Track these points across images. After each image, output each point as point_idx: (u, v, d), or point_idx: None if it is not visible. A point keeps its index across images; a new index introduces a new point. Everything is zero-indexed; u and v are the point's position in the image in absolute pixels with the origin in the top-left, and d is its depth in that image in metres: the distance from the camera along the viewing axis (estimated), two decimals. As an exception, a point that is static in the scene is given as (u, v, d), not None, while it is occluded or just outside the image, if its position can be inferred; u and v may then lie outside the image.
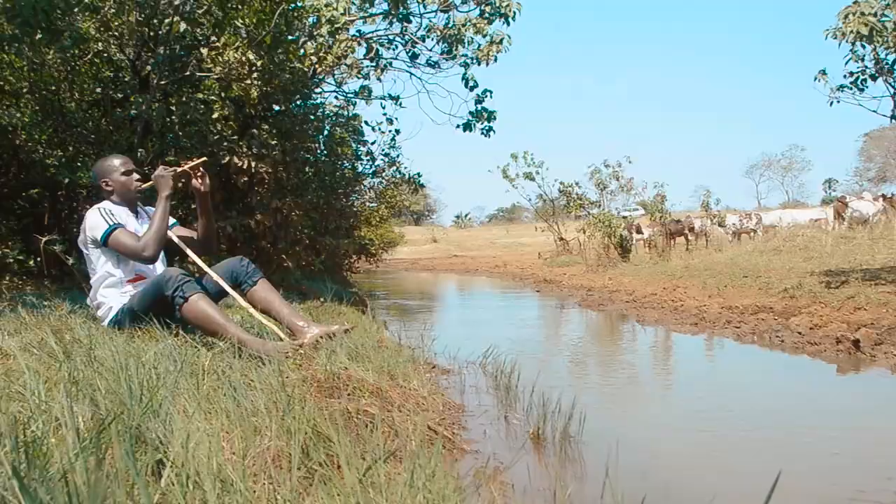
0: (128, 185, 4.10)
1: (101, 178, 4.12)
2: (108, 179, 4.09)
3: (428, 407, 3.33)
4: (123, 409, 2.05)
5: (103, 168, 4.13)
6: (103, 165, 4.14)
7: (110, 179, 4.09)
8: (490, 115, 9.50)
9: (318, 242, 8.84)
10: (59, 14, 5.68)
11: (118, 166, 4.10)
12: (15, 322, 4.04)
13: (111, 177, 4.09)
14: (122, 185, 4.09)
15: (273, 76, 6.95)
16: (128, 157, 4.26)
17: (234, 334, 3.54)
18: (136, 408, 2.06)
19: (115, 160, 4.15)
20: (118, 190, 4.09)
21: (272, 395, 2.59)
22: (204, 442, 1.87)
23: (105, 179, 4.10)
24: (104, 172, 4.12)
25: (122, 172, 4.09)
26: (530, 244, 37.87)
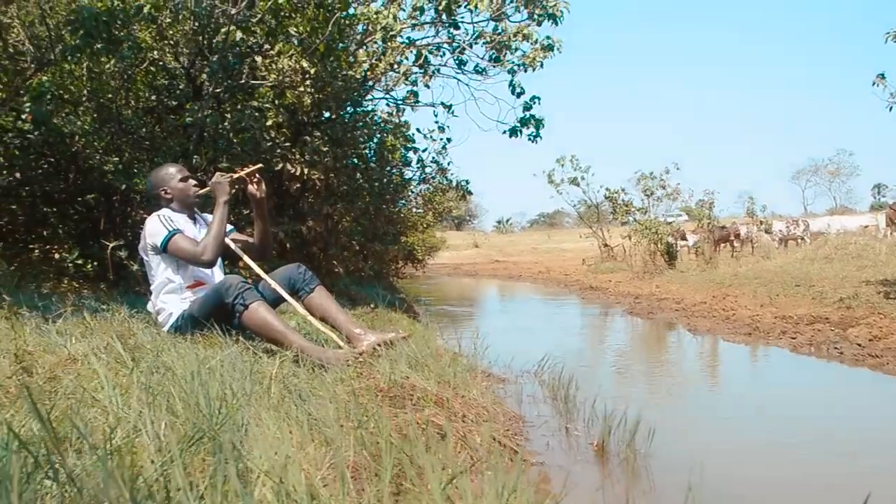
0: (185, 191, 4.15)
1: (159, 186, 4.18)
2: (165, 187, 4.15)
3: (489, 417, 3.30)
4: (203, 419, 2.05)
5: (160, 177, 4.20)
6: (160, 174, 4.21)
7: (168, 187, 4.15)
8: (538, 122, 9.45)
9: (368, 248, 8.87)
10: (118, 25, 5.77)
11: (174, 173, 4.16)
12: (80, 326, 4.11)
13: (169, 184, 4.14)
14: (180, 192, 4.14)
15: (325, 84, 7.00)
16: (182, 165, 4.32)
17: (295, 342, 3.55)
18: (215, 418, 2.06)
19: (170, 168, 4.21)
20: (176, 197, 4.14)
21: (340, 405, 2.59)
22: (287, 453, 1.87)
23: (163, 188, 4.16)
24: (161, 181, 4.18)
25: (178, 179, 4.14)
26: (572, 250, 37.63)
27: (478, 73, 9.54)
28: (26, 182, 7.81)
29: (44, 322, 4.39)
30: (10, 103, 6.74)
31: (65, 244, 8.19)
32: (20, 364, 3.07)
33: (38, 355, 3.25)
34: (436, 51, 9.39)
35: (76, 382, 2.81)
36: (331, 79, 7.07)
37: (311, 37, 7.10)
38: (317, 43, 6.90)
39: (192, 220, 4.18)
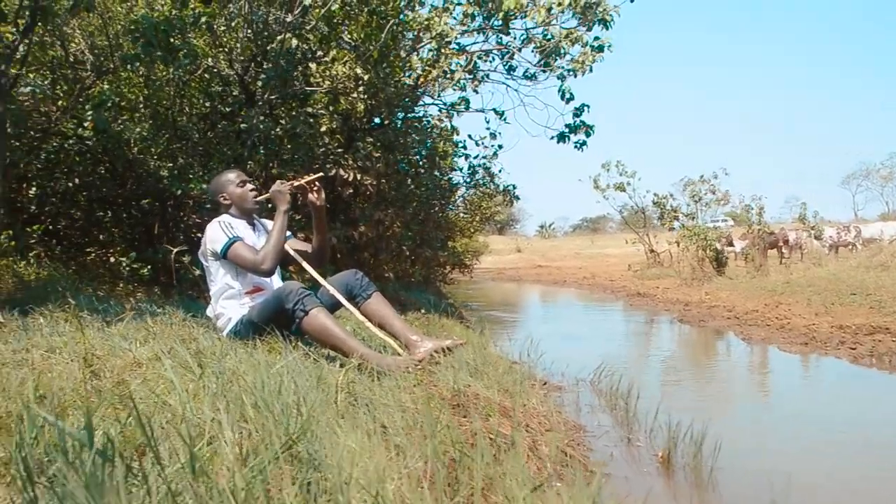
0: (244, 197, 4.18)
1: (218, 193, 4.21)
2: (225, 193, 4.19)
3: (551, 427, 3.27)
4: (279, 427, 2.05)
5: (219, 183, 4.23)
6: (219, 181, 4.24)
7: (227, 193, 4.18)
8: (588, 128, 9.38)
9: (417, 253, 8.89)
10: (176, 33, 5.86)
11: (233, 179, 4.19)
12: (142, 330, 4.17)
13: (227, 190, 4.18)
14: (239, 198, 4.17)
15: (378, 90, 7.03)
16: (240, 171, 4.35)
17: (355, 348, 3.55)
18: (292, 427, 2.06)
19: (229, 174, 4.24)
20: (235, 203, 4.17)
21: (407, 413, 2.58)
22: (363, 463, 1.86)
23: (222, 194, 4.20)
24: (220, 187, 4.21)
25: (237, 185, 4.17)
26: (616, 255, 37.26)
27: (527, 78, 9.50)
28: (84, 187, 7.98)
29: (103, 325, 4.48)
30: (72, 111, 6.89)
31: (120, 248, 8.36)
32: (89, 368, 3.12)
33: (105, 359, 3.30)
34: (485, 56, 9.38)
35: (144, 387, 2.84)
36: (383, 85, 7.10)
37: (364, 43, 7.14)
38: (371, 49, 6.94)
39: (252, 226, 4.21)
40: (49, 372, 3.02)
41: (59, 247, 8.33)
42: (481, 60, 9.33)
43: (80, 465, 1.54)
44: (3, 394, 2.45)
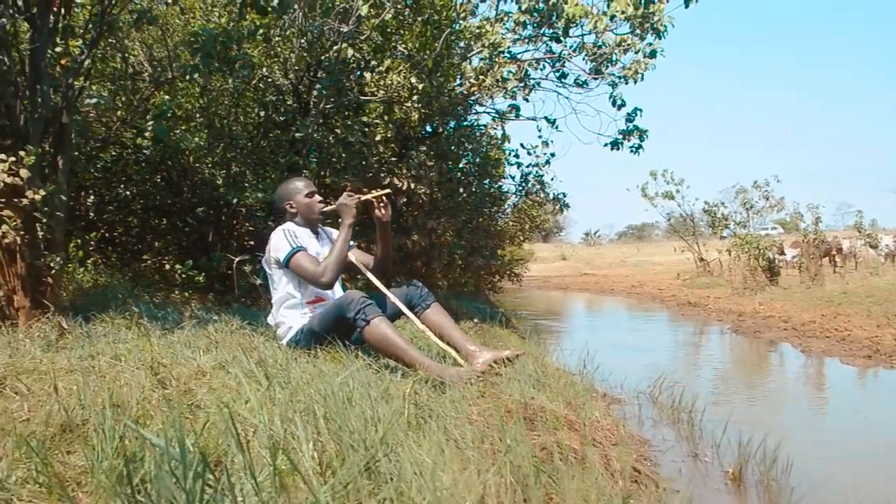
0: (310, 207, 4.19)
1: (285, 200, 4.23)
2: (291, 201, 4.20)
3: (617, 441, 3.21)
4: (356, 441, 2.04)
5: (287, 190, 4.25)
6: (287, 188, 4.26)
7: (294, 201, 4.20)
8: (642, 133, 9.29)
9: (469, 262, 8.87)
10: (234, 44, 5.93)
11: (301, 188, 4.20)
12: (203, 338, 4.22)
13: (295, 199, 4.20)
14: (305, 207, 4.19)
15: (432, 99, 7.04)
16: (310, 181, 4.36)
17: (416, 359, 3.53)
18: (369, 441, 2.04)
19: (298, 183, 4.26)
20: (301, 212, 4.19)
21: (475, 426, 2.56)
22: (439, 478, 1.84)
23: (289, 202, 4.21)
24: (288, 195, 4.23)
25: (304, 195, 4.18)
26: (662, 263, 36.77)
27: (578, 85, 9.44)
28: (140, 195, 8.13)
29: (164, 332, 4.54)
30: (131, 121, 7.02)
31: (174, 255, 8.49)
32: (156, 376, 3.15)
33: (170, 367, 3.33)
34: (535, 64, 9.34)
35: (211, 396, 2.86)
36: (437, 94, 7.11)
37: (419, 53, 7.16)
38: (425, 59, 6.95)
39: (316, 235, 4.23)
40: (117, 380, 3.05)
41: (115, 254, 8.49)
42: (532, 68, 9.31)
43: (173, 478, 1.55)
44: (79, 402, 2.48)
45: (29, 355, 3.66)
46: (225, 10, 7.46)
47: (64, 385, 2.99)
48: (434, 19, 7.17)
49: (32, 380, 3.09)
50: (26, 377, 3.12)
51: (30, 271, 5.05)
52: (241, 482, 1.73)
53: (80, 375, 3.16)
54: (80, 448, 2.16)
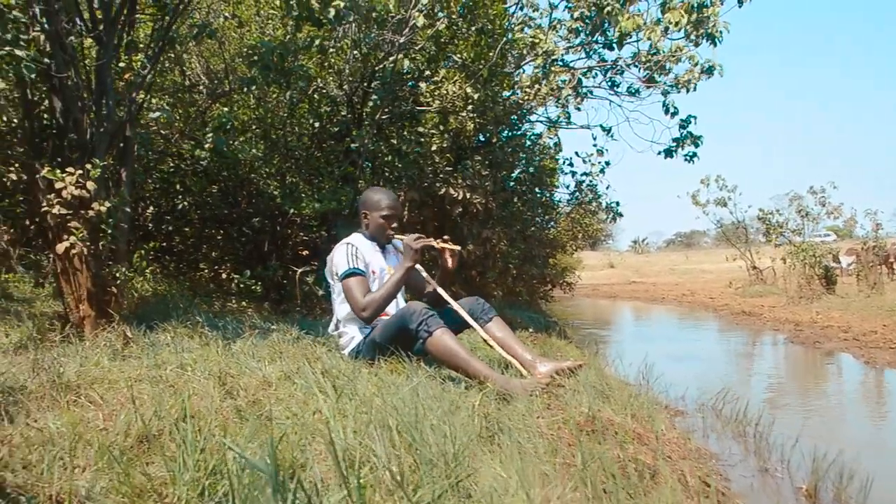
0: (382, 229, 4.17)
1: (364, 208, 4.22)
2: (368, 213, 4.19)
3: (684, 454, 3.16)
4: (434, 455, 2.04)
5: (371, 201, 4.21)
6: (372, 198, 4.21)
7: (370, 215, 4.18)
8: (696, 140, 9.15)
9: (522, 271, 8.85)
10: (291, 57, 6.01)
11: (382, 208, 4.16)
12: (266, 348, 4.26)
13: (372, 213, 4.18)
14: (377, 227, 4.17)
15: (487, 108, 7.04)
16: (397, 201, 4.29)
17: (480, 370, 3.52)
18: (448, 456, 2.04)
19: (383, 200, 4.19)
20: (371, 227, 4.18)
21: (546, 439, 2.54)
22: (516, 492, 1.82)
23: (366, 212, 4.20)
24: (368, 205, 4.21)
25: (382, 215, 4.15)
26: (712, 271, 36.27)
27: (631, 94, 9.35)
28: (197, 206, 8.26)
29: (224, 341, 4.60)
30: (190, 133, 7.15)
31: (230, 265, 8.62)
32: (223, 387, 3.18)
33: (237, 378, 3.36)
34: (588, 72, 9.28)
35: (279, 406, 2.88)
36: (492, 103, 7.12)
37: (474, 62, 7.17)
38: (481, 68, 6.96)
39: (382, 249, 4.22)
40: (185, 390, 3.09)
41: (172, 263, 8.65)
42: (584, 77, 9.25)
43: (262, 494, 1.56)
44: (155, 413, 2.52)
45: (97, 364, 3.74)
46: (281, 23, 7.57)
47: (134, 394, 3.04)
48: (488, 28, 7.19)
49: (104, 389, 3.15)
50: (98, 386, 3.18)
51: (95, 281, 5.16)
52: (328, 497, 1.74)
53: (149, 385, 3.22)
54: (158, 459, 2.19)
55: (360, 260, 4.01)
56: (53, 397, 2.96)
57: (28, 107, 5.24)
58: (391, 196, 4.25)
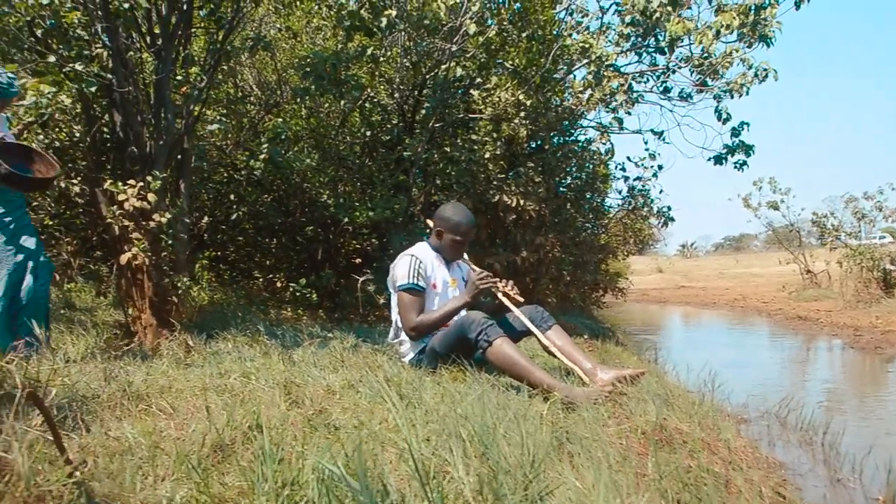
0: (452, 251, 4.15)
1: (441, 224, 4.15)
2: (442, 230, 4.13)
3: (752, 463, 3.10)
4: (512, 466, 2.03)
5: (450, 222, 4.13)
6: (452, 219, 4.13)
7: (444, 233, 4.14)
8: (748, 149, 8.99)
9: (576, 277, 8.80)
10: (344, 66, 6.07)
11: (459, 229, 4.11)
12: (326, 356, 4.29)
13: (447, 232, 4.12)
14: (448, 247, 4.14)
15: (540, 115, 7.03)
16: (473, 227, 4.22)
17: (542, 379, 3.49)
18: (525, 468, 2.03)
19: (462, 224, 4.12)
20: (442, 244, 4.15)
21: (616, 449, 2.51)
22: None
23: (441, 229, 4.14)
24: (447, 225, 4.13)
25: (455, 236, 4.11)
26: (763, 275, 35.58)
27: (682, 98, 9.23)
28: (251, 215, 8.37)
29: (283, 349, 4.65)
30: (244, 144, 7.26)
31: (285, 273, 8.72)
32: (289, 396, 3.21)
33: (302, 387, 3.39)
34: (639, 76, 9.20)
35: (345, 416, 2.89)
36: (544, 109, 7.10)
37: (526, 69, 7.17)
38: (534, 75, 6.96)
39: (446, 262, 4.21)
40: (252, 399, 3.12)
41: (227, 272, 8.78)
42: (635, 81, 9.17)
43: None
44: (228, 423, 2.55)
45: (162, 373, 3.80)
46: (331, 33, 7.65)
47: (201, 403, 3.08)
48: (538, 35, 7.17)
49: (172, 397, 3.20)
50: (166, 395, 3.23)
51: (156, 291, 5.27)
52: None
53: (214, 394, 3.27)
54: (233, 468, 2.22)
55: (422, 276, 4.00)
56: (125, 406, 3.01)
57: (90, 121, 5.38)
58: (470, 220, 4.17)
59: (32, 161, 4.07)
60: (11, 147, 3.99)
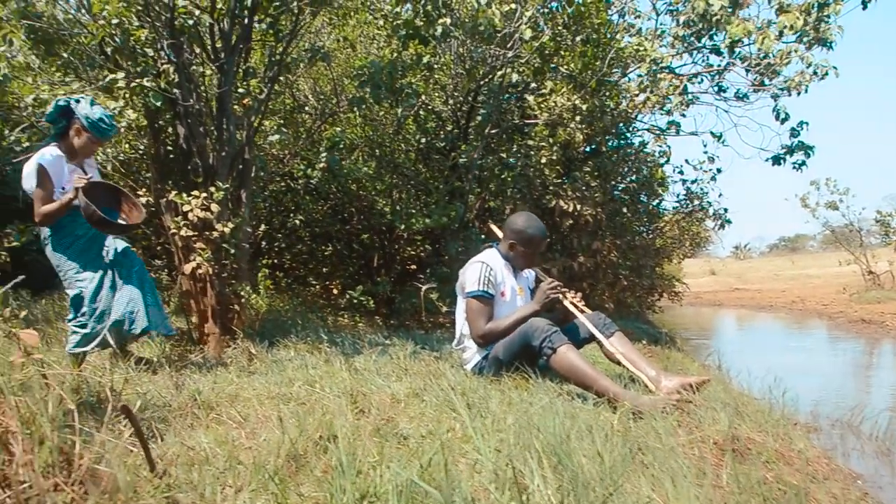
0: (523, 261, 4.17)
1: (513, 236, 4.14)
2: (516, 243, 4.14)
3: (828, 475, 3.03)
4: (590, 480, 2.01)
5: (524, 235, 4.13)
6: (526, 233, 4.13)
7: (516, 245, 4.14)
8: (807, 149, 8.80)
9: (633, 282, 8.72)
10: (400, 74, 6.10)
11: (533, 243, 4.13)
12: (388, 364, 4.31)
13: (518, 245, 4.13)
14: (522, 259, 4.17)
15: (595, 118, 6.99)
16: (546, 240, 4.25)
17: (607, 387, 3.46)
18: (606, 482, 2.01)
19: (536, 238, 4.14)
20: (513, 256, 4.16)
21: (691, 460, 2.47)
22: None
23: (512, 240, 4.14)
24: (520, 238, 4.13)
25: (528, 249, 4.13)
26: (820, 276, 34.72)
27: (738, 98, 9.07)
28: (308, 223, 8.47)
29: (344, 356, 4.68)
30: (302, 153, 7.35)
31: (341, 280, 8.80)
32: (355, 405, 3.23)
33: (368, 395, 3.41)
34: (693, 77, 9.08)
35: (412, 425, 2.90)
36: (600, 113, 7.06)
37: (581, 73, 7.14)
38: (590, 79, 6.93)
39: (514, 270, 4.21)
40: (318, 408, 3.15)
41: (283, 280, 8.89)
42: (690, 83, 9.04)
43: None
44: (300, 433, 2.58)
45: (228, 381, 3.86)
46: (386, 42, 7.70)
47: (270, 412, 3.12)
48: (593, 38, 7.14)
49: (240, 406, 3.24)
50: (234, 404, 3.28)
51: (219, 299, 5.36)
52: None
53: (280, 402, 3.31)
54: (306, 479, 2.24)
55: (492, 283, 4.00)
56: (195, 415, 3.07)
57: (155, 134, 5.50)
58: (543, 232, 4.17)
59: (119, 202, 4.22)
60: (99, 186, 4.14)
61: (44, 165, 3.94)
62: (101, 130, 4.08)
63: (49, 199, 3.96)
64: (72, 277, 4.09)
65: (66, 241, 4.07)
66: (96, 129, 4.06)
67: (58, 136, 4.12)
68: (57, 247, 4.08)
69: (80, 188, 3.86)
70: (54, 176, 3.98)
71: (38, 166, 3.93)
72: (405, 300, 7.36)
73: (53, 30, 4.78)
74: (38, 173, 3.93)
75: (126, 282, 4.14)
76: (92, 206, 3.84)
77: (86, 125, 4.04)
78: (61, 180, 4.01)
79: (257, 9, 5.38)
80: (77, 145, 4.10)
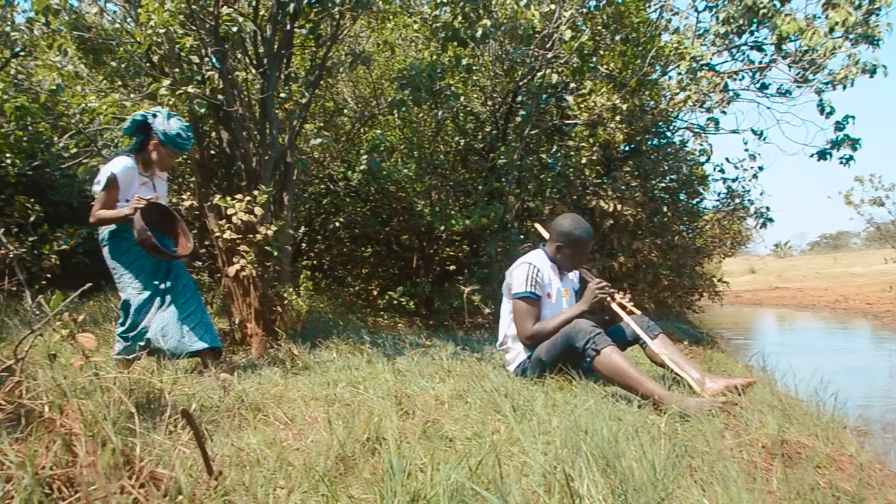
0: (569, 263, 4.16)
1: (561, 239, 4.13)
2: (563, 245, 4.13)
3: (883, 480, 2.98)
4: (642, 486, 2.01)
5: (572, 237, 4.11)
6: (573, 235, 4.10)
7: (564, 247, 4.13)
8: (854, 143, 8.67)
9: (674, 282, 8.64)
10: (440, 77, 6.12)
11: (580, 246, 4.11)
12: (432, 366, 4.32)
13: (566, 247, 4.12)
14: (568, 262, 4.16)
15: (635, 118, 6.96)
16: (591, 240, 4.24)
17: (652, 389, 3.43)
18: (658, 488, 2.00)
19: (584, 241, 4.12)
20: (560, 258, 4.16)
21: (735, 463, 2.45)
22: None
23: (559, 243, 4.13)
24: (568, 241, 4.12)
25: (575, 252, 4.12)
26: (863, 274, 34.06)
27: (781, 94, 8.96)
28: (347, 225, 8.54)
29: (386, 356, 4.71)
30: (342, 155, 7.42)
31: (381, 281, 8.85)
32: (400, 406, 3.26)
33: (413, 397, 3.43)
34: (734, 74, 8.99)
35: (456, 427, 2.91)
36: (641, 113, 7.03)
37: (621, 73, 7.10)
38: (630, 78, 6.89)
39: (559, 271, 4.21)
40: (364, 409, 3.17)
41: (323, 281, 8.96)
42: (730, 79, 8.96)
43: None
44: (350, 435, 2.60)
45: (273, 382, 3.91)
46: (424, 45, 7.73)
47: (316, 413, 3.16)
48: (633, 37, 7.10)
49: (286, 407, 3.28)
50: (280, 404, 3.31)
51: (262, 301, 5.43)
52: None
53: (324, 403, 3.34)
54: (355, 481, 2.26)
55: (539, 285, 4.00)
56: (243, 416, 3.11)
57: (199, 139, 5.59)
58: (590, 235, 4.16)
59: (174, 228, 4.28)
60: (157, 208, 4.20)
61: (116, 175, 4.03)
62: (179, 144, 4.18)
63: (111, 206, 4.04)
64: (126, 283, 4.18)
65: (123, 246, 4.16)
66: (174, 144, 4.15)
67: (135, 148, 4.21)
68: (114, 251, 4.18)
69: (139, 208, 3.93)
70: (123, 186, 4.07)
71: (110, 174, 4.02)
72: (444, 301, 7.38)
73: (102, 39, 4.89)
74: (109, 181, 4.01)
75: (170, 304, 4.21)
76: (147, 231, 3.89)
77: (163, 140, 4.13)
78: (129, 191, 4.10)
79: (299, 14, 5.44)
80: (155, 159, 4.21)
